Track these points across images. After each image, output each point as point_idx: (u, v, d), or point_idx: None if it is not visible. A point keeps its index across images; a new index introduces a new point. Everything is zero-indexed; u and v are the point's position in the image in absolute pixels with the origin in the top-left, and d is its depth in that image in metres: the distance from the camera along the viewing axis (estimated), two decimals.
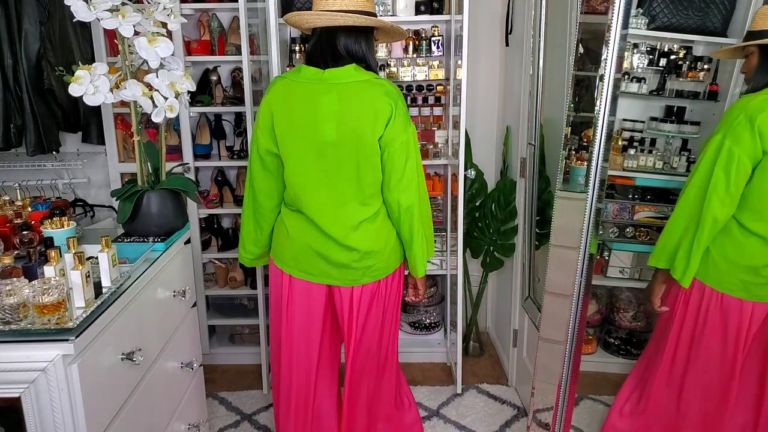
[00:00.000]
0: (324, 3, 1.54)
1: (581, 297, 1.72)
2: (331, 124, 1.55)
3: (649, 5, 2.36)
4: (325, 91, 1.54)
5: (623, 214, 2.59)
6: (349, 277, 1.69)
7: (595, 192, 1.62)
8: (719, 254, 1.73)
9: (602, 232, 2.60)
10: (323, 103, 1.54)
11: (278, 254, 1.74)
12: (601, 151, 1.58)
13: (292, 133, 1.58)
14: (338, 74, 1.55)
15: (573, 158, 1.70)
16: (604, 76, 1.52)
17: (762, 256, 1.68)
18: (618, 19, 1.47)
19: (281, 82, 1.60)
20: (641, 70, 2.51)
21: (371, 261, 1.68)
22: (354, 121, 1.54)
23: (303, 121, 1.56)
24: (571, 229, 1.70)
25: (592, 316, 2.76)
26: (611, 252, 2.63)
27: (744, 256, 1.69)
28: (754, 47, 1.68)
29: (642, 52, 2.49)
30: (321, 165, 1.59)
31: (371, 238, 1.66)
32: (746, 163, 1.61)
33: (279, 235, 1.73)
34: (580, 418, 2.35)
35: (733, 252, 1.71)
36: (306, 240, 1.66)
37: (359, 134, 1.55)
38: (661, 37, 2.42)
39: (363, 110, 1.54)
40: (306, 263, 1.69)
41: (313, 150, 1.58)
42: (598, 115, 1.55)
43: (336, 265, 1.67)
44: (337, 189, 1.61)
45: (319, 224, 1.63)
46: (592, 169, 1.60)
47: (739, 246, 1.70)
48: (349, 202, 1.63)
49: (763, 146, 1.59)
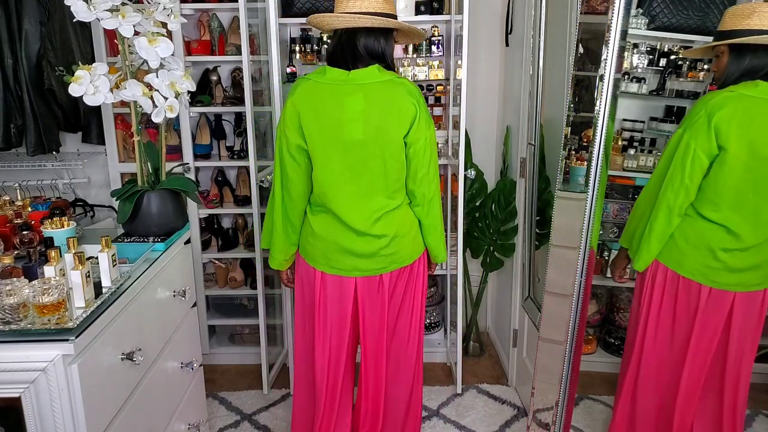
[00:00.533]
0: (345, 4, 1.58)
1: (581, 297, 1.72)
2: (357, 123, 1.60)
3: (649, 5, 2.36)
4: (350, 92, 1.60)
5: (623, 214, 2.59)
6: (377, 266, 1.74)
7: (595, 192, 1.62)
8: (681, 237, 1.78)
9: (602, 232, 2.60)
10: (349, 103, 1.60)
11: (308, 252, 1.77)
12: (601, 151, 1.58)
13: (320, 132, 1.62)
14: (363, 75, 1.60)
15: (573, 158, 1.71)
16: (604, 76, 1.52)
17: (719, 239, 1.73)
18: (618, 19, 1.48)
19: (306, 83, 1.65)
20: (641, 70, 2.51)
21: (397, 246, 1.74)
22: (379, 120, 1.61)
23: (330, 120, 1.61)
24: (571, 229, 1.70)
25: (592, 316, 2.76)
26: (611, 252, 2.63)
27: (702, 238, 1.75)
28: (724, 47, 1.71)
29: (642, 52, 2.49)
30: (348, 162, 1.64)
31: (396, 224, 1.73)
32: (702, 157, 1.68)
33: (306, 235, 1.76)
34: (580, 418, 2.35)
35: (692, 234, 1.76)
36: (334, 238, 1.71)
37: (385, 132, 1.62)
38: (661, 37, 2.42)
39: (388, 109, 1.61)
40: (336, 260, 1.73)
41: (339, 148, 1.63)
42: (598, 115, 1.55)
43: (364, 257, 1.72)
44: (363, 184, 1.67)
45: (345, 220, 1.68)
46: (592, 169, 1.61)
47: (699, 229, 1.76)
48: (376, 197, 1.69)
49: (718, 142, 1.65)
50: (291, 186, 1.71)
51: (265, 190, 2.51)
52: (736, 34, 1.65)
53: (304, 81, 1.66)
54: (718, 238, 1.73)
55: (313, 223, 1.73)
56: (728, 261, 1.73)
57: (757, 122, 1.62)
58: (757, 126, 1.62)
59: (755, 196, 1.67)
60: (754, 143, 1.62)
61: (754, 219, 1.69)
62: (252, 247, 2.55)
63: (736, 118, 1.62)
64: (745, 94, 1.64)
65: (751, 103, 1.63)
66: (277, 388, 2.59)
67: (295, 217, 1.75)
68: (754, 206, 1.68)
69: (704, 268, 1.76)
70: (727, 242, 1.72)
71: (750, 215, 1.69)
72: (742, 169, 1.65)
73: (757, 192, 1.67)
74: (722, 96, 1.66)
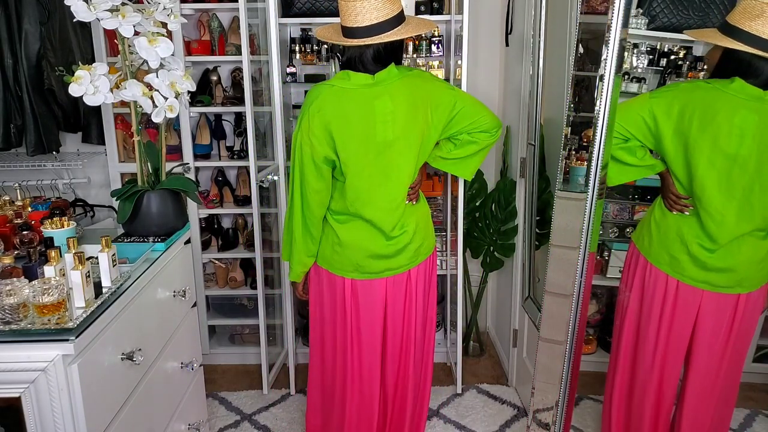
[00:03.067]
0: (353, 19, 1.55)
1: (581, 297, 1.72)
2: (387, 124, 1.63)
3: (649, 5, 2.36)
4: (378, 94, 1.62)
5: (623, 214, 2.59)
6: (406, 262, 1.78)
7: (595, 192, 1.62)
8: (654, 224, 1.79)
9: (602, 232, 2.60)
10: (379, 106, 1.62)
11: (333, 262, 1.77)
12: (601, 151, 1.58)
13: (353, 139, 1.63)
14: (385, 75, 1.63)
15: (573, 158, 1.71)
16: (604, 76, 1.52)
17: (688, 229, 1.72)
18: (618, 19, 1.47)
19: (329, 89, 1.63)
20: (641, 70, 2.50)
21: (421, 239, 1.79)
22: (407, 115, 1.64)
23: (363, 126, 1.62)
24: (571, 229, 1.70)
25: (592, 316, 2.76)
26: (611, 252, 2.63)
27: (675, 228, 1.74)
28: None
29: (642, 52, 2.48)
30: (380, 165, 1.67)
31: (416, 216, 1.78)
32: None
33: (331, 245, 1.76)
34: (580, 418, 2.35)
35: (664, 223, 1.76)
36: (365, 245, 1.73)
37: (414, 127, 1.66)
38: (661, 37, 2.42)
39: (414, 104, 1.65)
40: (368, 265, 1.75)
41: (373, 152, 1.65)
42: (598, 115, 1.55)
43: (394, 256, 1.75)
44: (391, 185, 1.70)
45: (378, 224, 1.71)
46: (592, 169, 1.61)
47: (669, 217, 1.76)
48: (400, 194, 1.72)
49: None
50: (312, 196, 1.69)
51: (264, 190, 2.51)
52: (738, 33, 1.58)
53: (326, 87, 1.64)
54: (686, 227, 1.71)
55: (339, 232, 1.73)
56: (699, 255, 1.70)
57: (719, 118, 1.59)
58: (718, 122, 1.59)
59: (719, 193, 1.64)
60: (716, 138, 1.60)
61: (721, 218, 1.66)
62: (252, 247, 2.55)
63: (698, 111, 1.61)
64: (719, 88, 1.60)
65: (717, 97, 1.60)
66: (277, 388, 2.59)
67: (315, 228, 1.75)
68: (720, 204, 1.65)
69: (671, 259, 1.74)
70: (700, 237, 1.69)
71: (717, 213, 1.66)
72: (707, 164, 1.63)
73: (721, 189, 1.64)
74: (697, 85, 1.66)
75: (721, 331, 1.75)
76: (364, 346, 1.82)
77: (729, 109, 1.58)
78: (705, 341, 1.77)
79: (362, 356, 1.83)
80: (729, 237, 1.66)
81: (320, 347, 1.91)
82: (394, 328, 1.85)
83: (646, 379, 1.86)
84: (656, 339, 1.81)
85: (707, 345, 1.77)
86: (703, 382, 1.81)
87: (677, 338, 1.79)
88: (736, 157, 1.60)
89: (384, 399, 1.96)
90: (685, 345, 1.80)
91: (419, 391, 1.99)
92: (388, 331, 1.85)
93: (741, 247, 1.67)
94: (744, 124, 1.57)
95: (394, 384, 1.93)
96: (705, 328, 1.76)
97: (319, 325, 1.88)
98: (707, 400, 1.82)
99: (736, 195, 1.63)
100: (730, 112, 1.58)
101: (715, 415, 1.85)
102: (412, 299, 1.83)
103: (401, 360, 1.89)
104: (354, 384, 1.85)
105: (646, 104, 1.71)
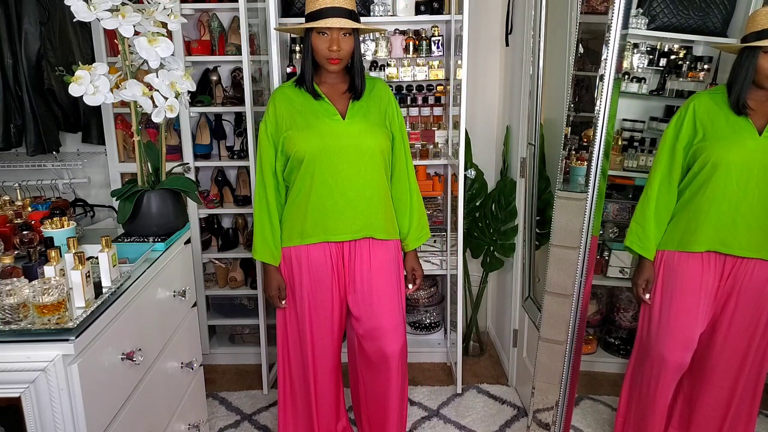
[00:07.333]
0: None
1: (581, 297, 1.72)
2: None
3: (649, 5, 2.36)
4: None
5: (623, 214, 2.59)
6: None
7: (595, 192, 1.62)
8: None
9: (602, 232, 2.60)
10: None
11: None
12: (601, 151, 1.58)
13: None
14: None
15: (573, 158, 1.71)
16: (604, 76, 1.53)
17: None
18: (618, 19, 1.48)
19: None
20: (641, 70, 2.50)
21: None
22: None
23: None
24: (571, 229, 1.70)
25: (592, 316, 2.76)
26: (611, 252, 2.63)
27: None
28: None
29: (642, 52, 2.49)
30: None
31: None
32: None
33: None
34: (580, 418, 2.35)
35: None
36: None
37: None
38: (661, 37, 2.42)
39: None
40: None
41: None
42: (598, 115, 1.56)
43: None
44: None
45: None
46: (592, 169, 1.61)
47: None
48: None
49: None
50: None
51: None
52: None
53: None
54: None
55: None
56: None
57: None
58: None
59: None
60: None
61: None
62: (252, 247, 2.54)
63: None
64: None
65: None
66: (277, 388, 2.59)
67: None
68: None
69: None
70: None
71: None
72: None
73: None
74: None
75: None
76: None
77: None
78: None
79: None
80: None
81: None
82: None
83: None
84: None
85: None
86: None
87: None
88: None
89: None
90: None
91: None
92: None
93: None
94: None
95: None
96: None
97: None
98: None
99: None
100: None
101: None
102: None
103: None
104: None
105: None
